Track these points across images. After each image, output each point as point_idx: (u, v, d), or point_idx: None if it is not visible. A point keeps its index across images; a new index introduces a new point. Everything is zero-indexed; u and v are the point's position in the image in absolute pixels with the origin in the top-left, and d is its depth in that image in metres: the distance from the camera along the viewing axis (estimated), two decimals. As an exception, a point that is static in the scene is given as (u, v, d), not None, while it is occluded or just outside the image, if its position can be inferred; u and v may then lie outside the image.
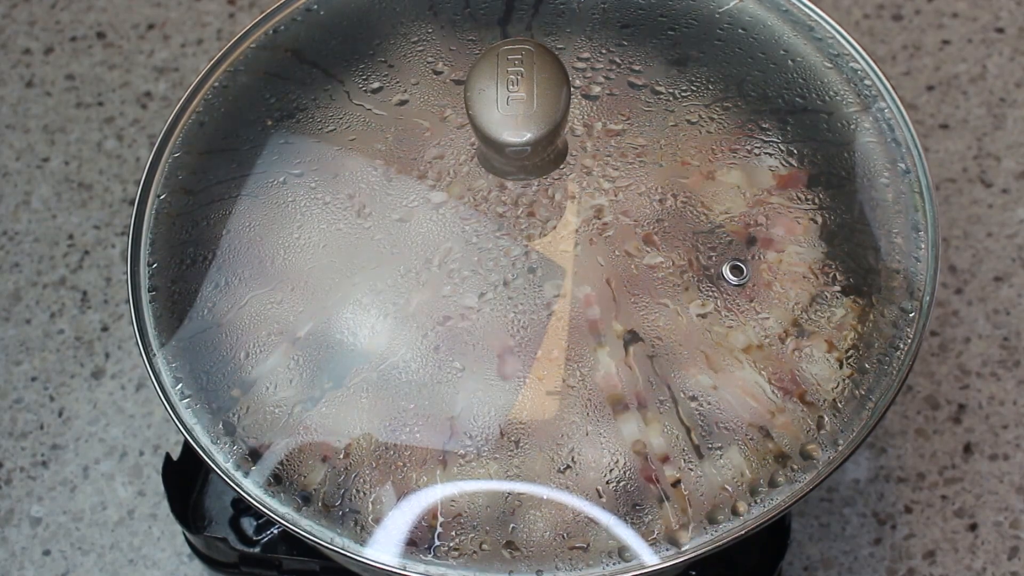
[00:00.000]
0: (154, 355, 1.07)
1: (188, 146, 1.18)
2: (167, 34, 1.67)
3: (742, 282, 1.13)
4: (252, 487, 1.02)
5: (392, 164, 1.15)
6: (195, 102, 1.18)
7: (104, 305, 1.44)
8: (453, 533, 1.09)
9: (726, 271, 1.12)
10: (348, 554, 0.99)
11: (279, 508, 1.01)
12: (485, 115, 1.02)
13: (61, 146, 1.58)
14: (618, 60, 1.21)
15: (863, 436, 1.00)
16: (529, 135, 1.04)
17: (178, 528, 1.26)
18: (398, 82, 1.16)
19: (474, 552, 1.07)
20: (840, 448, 1.00)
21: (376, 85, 1.16)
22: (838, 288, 1.19)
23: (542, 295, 1.20)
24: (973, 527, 1.26)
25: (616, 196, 1.24)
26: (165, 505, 1.20)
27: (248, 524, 1.17)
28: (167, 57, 1.65)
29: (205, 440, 1.03)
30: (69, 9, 1.71)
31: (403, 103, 1.15)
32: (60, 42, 1.68)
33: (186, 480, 1.19)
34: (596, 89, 1.22)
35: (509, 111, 1.03)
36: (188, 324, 1.14)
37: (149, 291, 1.10)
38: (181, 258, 1.16)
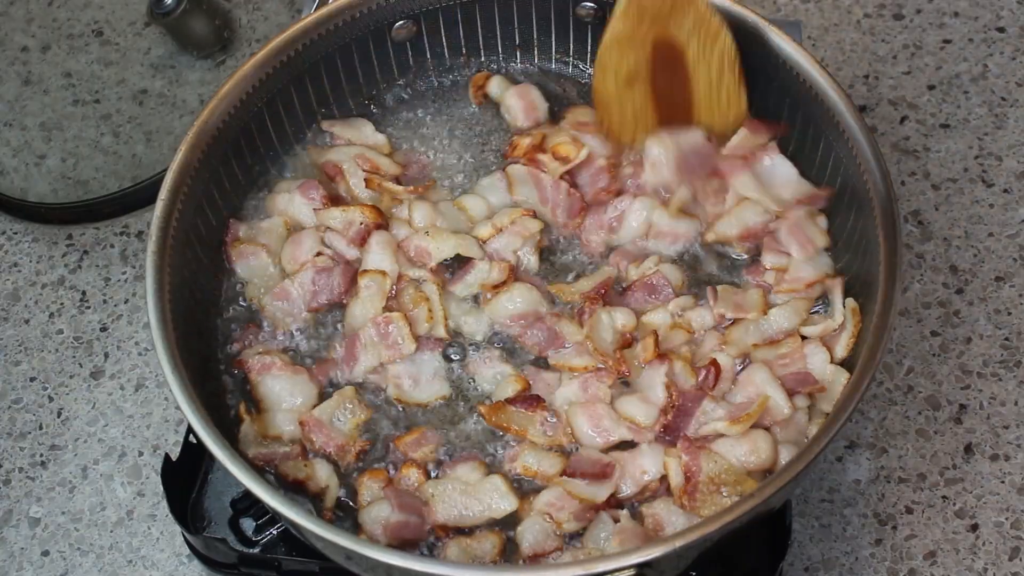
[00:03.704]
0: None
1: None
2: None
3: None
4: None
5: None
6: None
7: (103, 305, 1.44)
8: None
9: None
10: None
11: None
12: None
13: (58, 143, 1.57)
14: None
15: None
16: None
17: (177, 529, 1.26)
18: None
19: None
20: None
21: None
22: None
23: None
24: (974, 527, 1.26)
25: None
26: (164, 506, 1.19)
27: (247, 525, 1.17)
28: (163, 54, 1.64)
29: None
30: (66, 6, 1.70)
31: None
32: (57, 39, 1.67)
33: (185, 481, 1.18)
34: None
35: None
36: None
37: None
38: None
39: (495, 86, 1.35)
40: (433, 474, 1.12)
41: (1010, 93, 1.56)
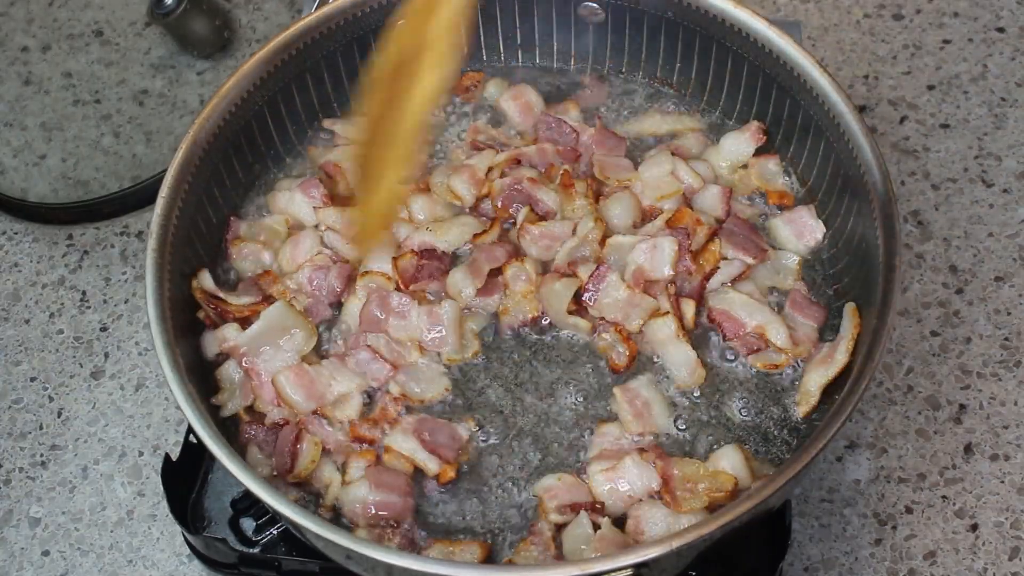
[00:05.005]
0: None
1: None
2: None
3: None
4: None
5: None
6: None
7: (103, 305, 1.44)
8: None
9: None
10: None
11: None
12: None
13: (59, 143, 1.58)
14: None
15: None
16: None
17: (177, 529, 1.26)
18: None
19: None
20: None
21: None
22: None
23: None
24: (974, 527, 1.26)
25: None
26: (164, 506, 1.19)
27: (247, 525, 1.16)
28: (163, 55, 1.64)
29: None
30: (66, 7, 1.70)
31: None
32: (57, 40, 1.67)
33: (185, 480, 1.18)
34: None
35: None
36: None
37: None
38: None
39: (492, 88, 1.35)
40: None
41: (1010, 93, 1.56)
